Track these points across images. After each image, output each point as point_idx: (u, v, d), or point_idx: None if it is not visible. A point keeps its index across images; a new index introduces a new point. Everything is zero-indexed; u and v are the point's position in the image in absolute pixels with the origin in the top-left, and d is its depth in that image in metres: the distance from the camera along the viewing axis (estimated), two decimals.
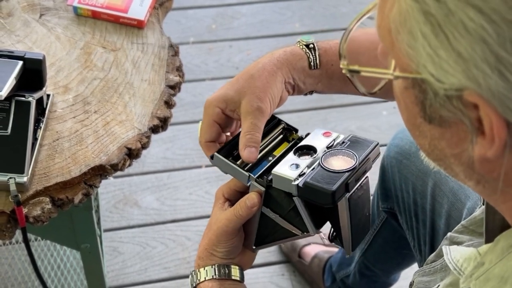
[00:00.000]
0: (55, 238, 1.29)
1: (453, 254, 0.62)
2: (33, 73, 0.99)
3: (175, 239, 1.75)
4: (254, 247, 0.85)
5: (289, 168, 0.76)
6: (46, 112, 1.05)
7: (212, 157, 0.82)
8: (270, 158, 0.82)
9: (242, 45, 2.25)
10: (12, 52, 0.99)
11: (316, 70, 0.84)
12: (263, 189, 0.79)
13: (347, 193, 0.72)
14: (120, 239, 1.74)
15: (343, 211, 0.74)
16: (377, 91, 0.59)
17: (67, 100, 1.09)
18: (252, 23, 2.33)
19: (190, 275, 0.84)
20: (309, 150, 0.79)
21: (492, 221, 0.60)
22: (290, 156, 0.79)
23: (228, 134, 0.88)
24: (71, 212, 1.07)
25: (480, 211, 0.76)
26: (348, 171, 0.72)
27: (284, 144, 0.85)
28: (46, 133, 1.04)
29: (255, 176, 0.80)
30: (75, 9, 1.22)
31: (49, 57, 1.14)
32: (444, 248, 0.64)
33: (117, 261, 1.70)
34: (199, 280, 0.82)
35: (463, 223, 0.77)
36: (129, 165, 1.06)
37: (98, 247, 1.23)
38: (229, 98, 0.81)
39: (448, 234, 0.80)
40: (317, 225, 0.78)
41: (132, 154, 1.05)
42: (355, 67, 0.56)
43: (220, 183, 1.83)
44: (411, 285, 0.83)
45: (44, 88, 1.02)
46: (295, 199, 0.75)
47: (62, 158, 1.02)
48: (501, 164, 0.49)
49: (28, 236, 1.02)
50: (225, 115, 0.83)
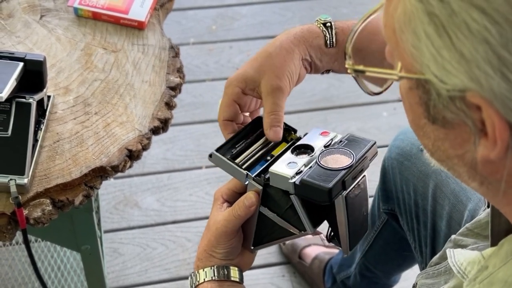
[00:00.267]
0: (56, 240, 1.29)
1: (457, 258, 0.62)
2: (33, 75, 0.99)
3: (175, 240, 1.75)
4: (252, 247, 0.85)
5: (286, 166, 0.76)
6: (47, 113, 1.05)
7: (210, 155, 0.83)
8: (269, 158, 0.83)
9: (242, 46, 2.25)
10: (12, 54, 0.99)
11: (332, 48, 0.84)
12: (261, 187, 0.79)
13: (344, 191, 0.73)
14: (120, 240, 1.74)
15: (340, 209, 0.74)
16: (383, 91, 0.59)
17: (68, 102, 1.09)
18: (252, 24, 2.33)
19: (190, 277, 0.84)
20: (306, 149, 0.79)
21: (497, 224, 0.60)
22: (288, 155, 0.79)
23: (247, 114, 0.89)
24: (72, 213, 1.07)
25: (485, 214, 0.76)
26: (344, 169, 0.73)
27: (283, 144, 0.85)
28: (46, 134, 1.04)
29: (253, 175, 0.80)
30: (76, 10, 1.22)
31: (50, 58, 1.14)
32: (448, 251, 0.64)
33: (117, 262, 1.69)
34: (198, 281, 0.82)
35: (467, 226, 0.77)
36: (130, 167, 1.06)
37: (98, 248, 1.23)
38: (249, 78, 0.83)
39: (452, 237, 0.80)
40: (315, 223, 0.78)
41: (132, 155, 1.05)
42: (360, 67, 0.56)
43: (220, 184, 1.83)
44: (414, 287, 0.83)
45: (44, 90, 1.02)
46: (292, 197, 0.76)
47: (62, 159, 1.02)
48: (504, 166, 0.49)
49: (28, 237, 1.02)
50: (244, 95, 0.84)
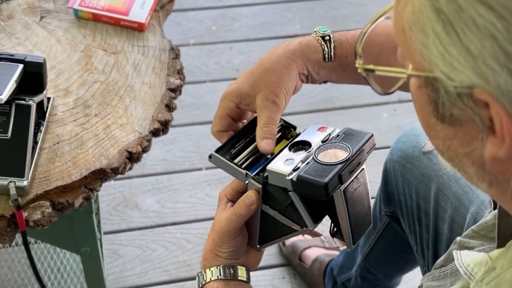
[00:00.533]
0: (55, 242, 1.28)
1: (464, 259, 0.61)
2: (33, 77, 0.99)
3: (175, 241, 1.74)
4: (258, 246, 0.85)
5: (284, 163, 0.76)
6: (47, 115, 1.04)
7: (210, 156, 0.83)
8: (269, 156, 0.83)
9: (243, 47, 2.24)
10: (12, 56, 0.98)
11: (330, 62, 0.84)
12: (260, 186, 0.79)
13: (341, 185, 0.72)
14: (120, 241, 1.73)
15: (339, 203, 0.74)
16: (394, 90, 0.59)
17: (68, 103, 1.09)
18: (253, 25, 2.33)
19: (197, 276, 0.85)
20: (304, 145, 0.79)
21: (504, 226, 0.60)
22: (285, 152, 0.79)
23: (245, 121, 0.89)
24: (71, 215, 1.06)
25: (491, 216, 0.76)
26: (341, 163, 0.73)
27: (283, 142, 0.85)
28: (46, 136, 1.03)
29: (253, 174, 0.80)
30: (76, 11, 1.22)
31: (50, 60, 1.14)
32: (455, 253, 0.64)
33: (117, 264, 1.69)
34: (205, 280, 0.82)
35: (473, 228, 0.76)
36: (130, 169, 1.06)
37: (98, 250, 1.23)
38: (244, 93, 0.82)
39: (457, 239, 0.79)
40: (315, 219, 0.78)
41: (132, 157, 1.05)
42: (370, 66, 0.56)
43: (220, 185, 1.83)
44: None
45: (44, 92, 1.02)
46: (290, 194, 0.76)
47: (62, 161, 1.01)
48: None
49: (28, 239, 1.02)
50: (239, 109, 0.84)
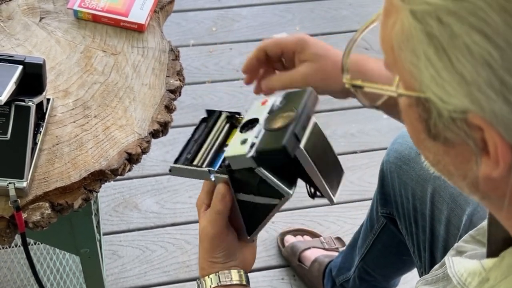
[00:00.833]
0: (55, 243, 1.29)
1: (457, 268, 0.61)
2: (33, 78, 0.99)
3: (174, 242, 1.75)
4: (248, 237, 0.85)
5: (240, 145, 0.77)
6: (46, 116, 1.04)
7: (170, 170, 0.83)
8: (225, 148, 0.83)
9: (243, 47, 2.25)
10: (12, 57, 0.98)
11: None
12: (226, 176, 0.79)
13: (300, 143, 0.73)
14: (120, 242, 1.74)
15: (305, 161, 0.75)
16: (380, 104, 0.59)
17: (67, 105, 1.09)
18: (253, 26, 2.33)
19: (196, 284, 0.85)
20: (253, 123, 0.79)
21: (495, 232, 0.60)
22: (237, 135, 0.80)
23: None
24: (71, 217, 1.07)
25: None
26: (291, 123, 0.74)
27: (233, 131, 0.85)
28: (46, 137, 1.04)
29: (216, 168, 0.81)
30: (76, 12, 1.22)
31: (49, 61, 1.14)
32: (447, 260, 0.64)
33: (116, 264, 1.69)
34: None
35: (471, 233, 0.76)
36: (129, 170, 1.06)
37: (97, 251, 1.23)
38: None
39: (455, 245, 0.80)
40: (289, 185, 0.78)
41: (132, 159, 1.05)
42: (358, 82, 0.56)
43: None
44: None
45: (44, 93, 1.02)
46: (257, 171, 0.76)
47: (61, 163, 1.01)
48: (507, 184, 0.48)
49: (27, 240, 1.02)
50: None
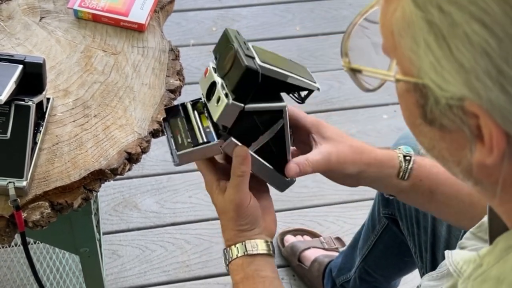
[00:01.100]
0: (54, 242, 1.28)
1: (454, 258, 0.62)
2: (33, 77, 0.99)
3: (174, 242, 1.75)
4: (287, 178, 0.86)
5: (218, 104, 0.79)
6: (46, 116, 1.04)
7: (177, 159, 0.83)
8: (208, 130, 0.84)
9: None
10: (12, 56, 0.98)
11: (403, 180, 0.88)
12: (233, 139, 0.81)
13: (255, 59, 0.77)
14: (120, 242, 1.73)
15: (271, 71, 0.78)
16: (377, 88, 0.59)
17: (67, 104, 1.09)
18: (253, 26, 2.33)
19: (223, 254, 0.86)
20: (213, 86, 0.81)
21: (496, 228, 0.60)
22: (210, 104, 0.81)
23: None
24: (70, 216, 1.06)
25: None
26: (237, 55, 0.77)
27: (203, 116, 0.86)
28: (45, 137, 1.04)
29: (217, 139, 0.82)
30: (76, 12, 1.22)
31: (49, 61, 1.14)
32: (446, 253, 0.65)
33: (116, 264, 1.69)
34: (231, 257, 0.84)
35: (472, 230, 0.77)
36: (129, 170, 1.06)
37: (97, 251, 1.23)
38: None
39: (459, 242, 0.80)
40: (279, 100, 0.81)
41: (132, 158, 1.05)
42: (356, 66, 0.56)
43: None
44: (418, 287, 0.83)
45: (44, 92, 1.02)
46: (246, 110, 0.78)
47: (61, 162, 1.01)
48: (500, 171, 0.49)
49: (27, 239, 1.02)
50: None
